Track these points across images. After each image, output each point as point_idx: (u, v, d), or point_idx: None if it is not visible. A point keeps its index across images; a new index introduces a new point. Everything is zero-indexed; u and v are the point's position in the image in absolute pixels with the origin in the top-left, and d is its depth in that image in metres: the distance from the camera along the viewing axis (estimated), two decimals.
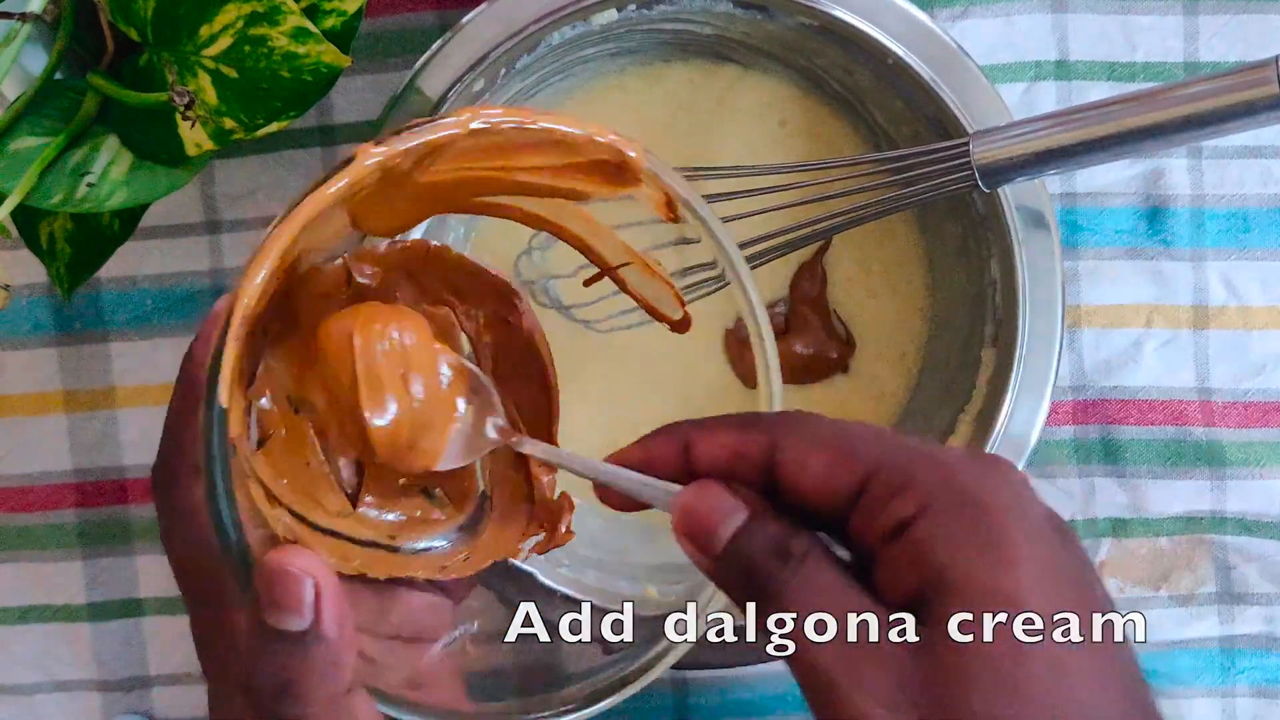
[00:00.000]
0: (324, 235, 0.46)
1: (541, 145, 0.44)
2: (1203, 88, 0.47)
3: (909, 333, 0.60)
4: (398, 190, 0.45)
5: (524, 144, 0.44)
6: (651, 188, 0.45)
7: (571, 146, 0.44)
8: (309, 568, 0.39)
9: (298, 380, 0.48)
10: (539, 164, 0.45)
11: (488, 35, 0.54)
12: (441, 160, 0.44)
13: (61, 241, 0.54)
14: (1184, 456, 0.61)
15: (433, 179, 0.45)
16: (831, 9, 0.54)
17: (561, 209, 0.48)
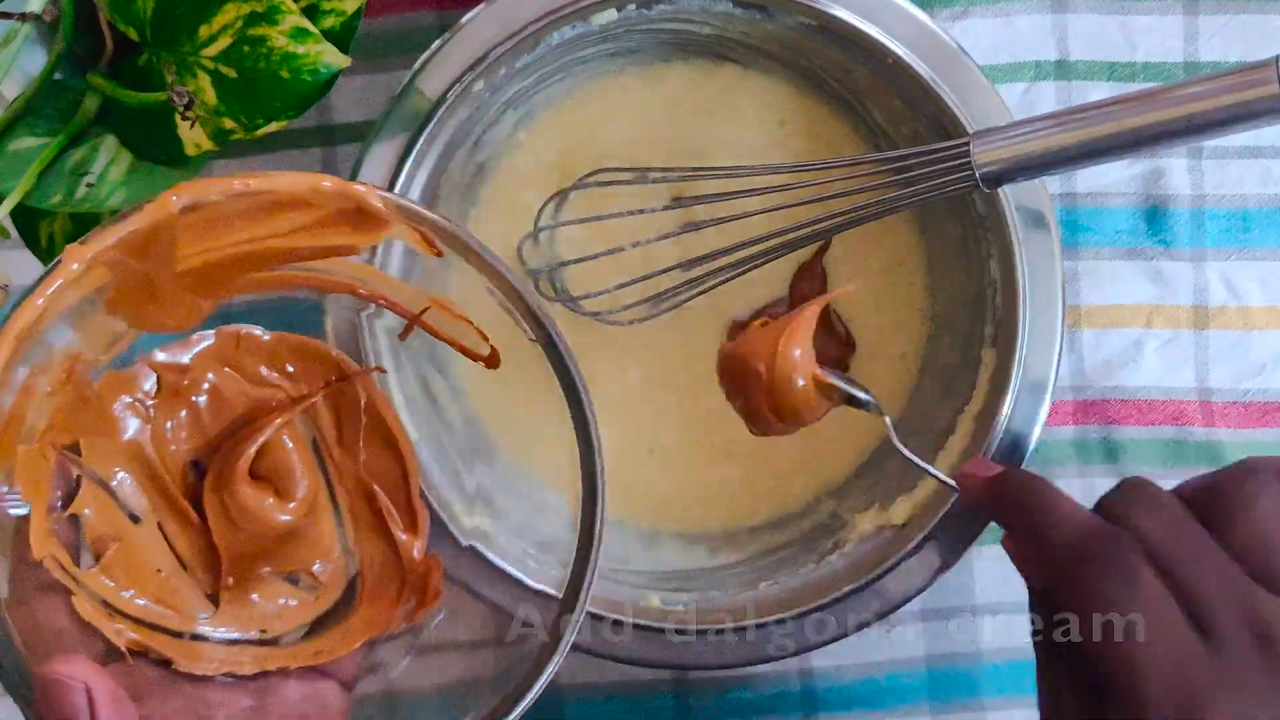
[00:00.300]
0: (97, 341, 0.46)
1: (275, 208, 0.44)
2: (1203, 88, 0.47)
3: (909, 333, 0.60)
4: (157, 284, 0.45)
5: (253, 211, 0.44)
6: (400, 226, 0.45)
7: (303, 203, 0.44)
8: (78, 674, 0.40)
9: (136, 483, 0.48)
10: (285, 228, 0.45)
11: (487, 35, 0.54)
12: (180, 245, 0.44)
13: (61, 242, 0.54)
14: (1184, 456, 0.61)
15: (189, 265, 0.45)
16: (831, 8, 0.54)
17: (351, 269, 0.48)
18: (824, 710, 0.62)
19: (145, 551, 0.48)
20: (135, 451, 0.49)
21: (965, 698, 0.62)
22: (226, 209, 0.44)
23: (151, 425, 0.49)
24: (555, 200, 0.59)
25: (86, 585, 0.45)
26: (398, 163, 0.54)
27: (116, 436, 0.48)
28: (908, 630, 0.62)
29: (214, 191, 0.43)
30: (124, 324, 0.47)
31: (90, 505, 0.47)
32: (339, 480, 0.51)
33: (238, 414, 0.50)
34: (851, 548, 0.57)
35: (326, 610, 0.50)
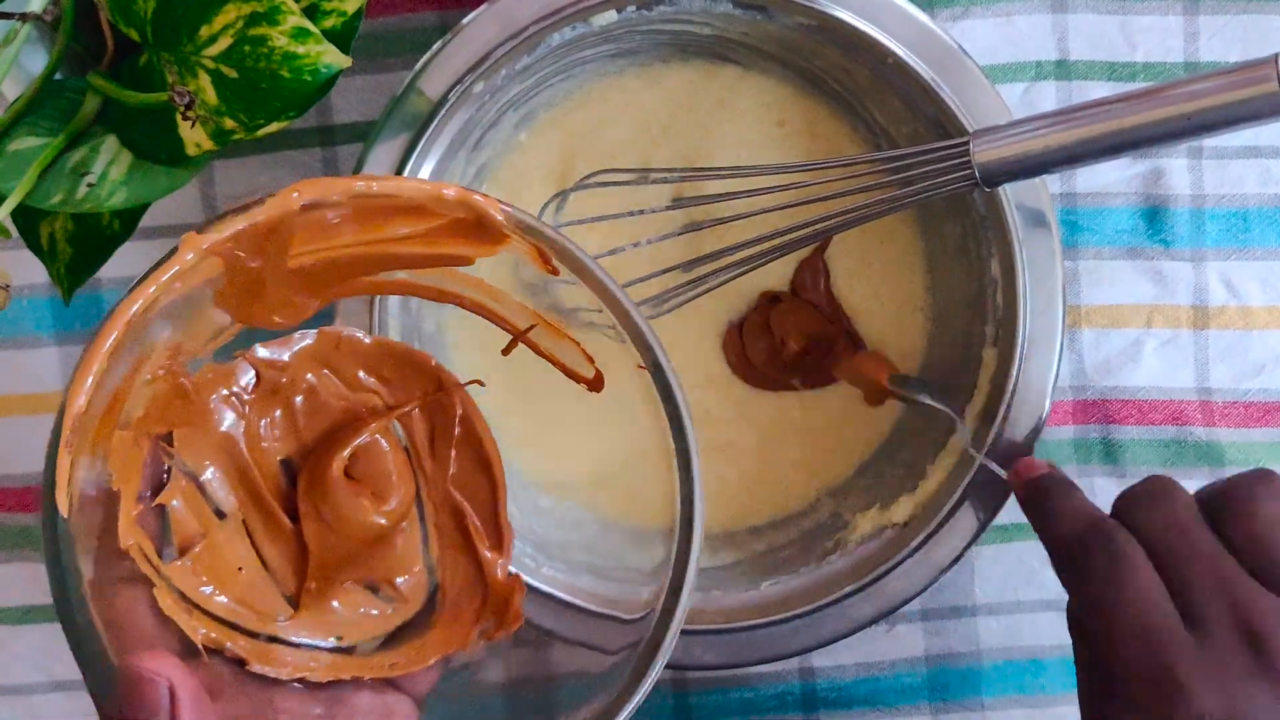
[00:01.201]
0: (200, 333, 0.46)
1: (393, 213, 0.44)
2: (1202, 86, 0.47)
3: (910, 332, 0.60)
4: (267, 280, 0.44)
5: (371, 214, 0.44)
6: (520, 241, 0.44)
7: (422, 209, 0.44)
8: (163, 671, 0.39)
9: (224, 479, 0.48)
10: (402, 233, 0.44)
11: (488, 36, 0.54)
12: (295, 243, 0.43)
13: (62, 242, 0.54)
14: (1184, 456, 0.61)
15: (301, 263, 0.44)
16: (831, 9, 0.54)
17: (459, 279, 0.47)
18: (824, 710, 0.62)
19: (229, 548, 0.47)
20: (227, 447, 0.48)
21: (965, 698, 0.62)
22: (343, 211, 0.43)
23: (246, 422, 0.48)
24: (556, 201, 0.59)
25: (169, 578, 0.45)
26: (399, 164, 0.54)
27: (210, 430, 0.48)
28: (908, 630, 0.62)
29: (337, 191, 0.42)
30: (228, 318, 0.46)
31: (179, 497, 0.46)
32: (428, 493, 0.50)
33: (333, 417, 0.50)
34: (852, 547, 0.57)
35: (404, 623, 0.49)
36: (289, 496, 0.49)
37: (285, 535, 0.49)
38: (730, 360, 0.60)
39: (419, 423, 0.50)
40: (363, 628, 0.49)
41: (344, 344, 0.50)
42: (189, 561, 0.46)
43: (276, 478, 0.49)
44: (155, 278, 0.41)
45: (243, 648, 0.46)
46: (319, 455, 0.49)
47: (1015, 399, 0.55)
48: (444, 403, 0.50)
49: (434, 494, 0.50)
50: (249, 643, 0.46)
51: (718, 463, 0.60)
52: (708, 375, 0.60)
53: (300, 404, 0.49)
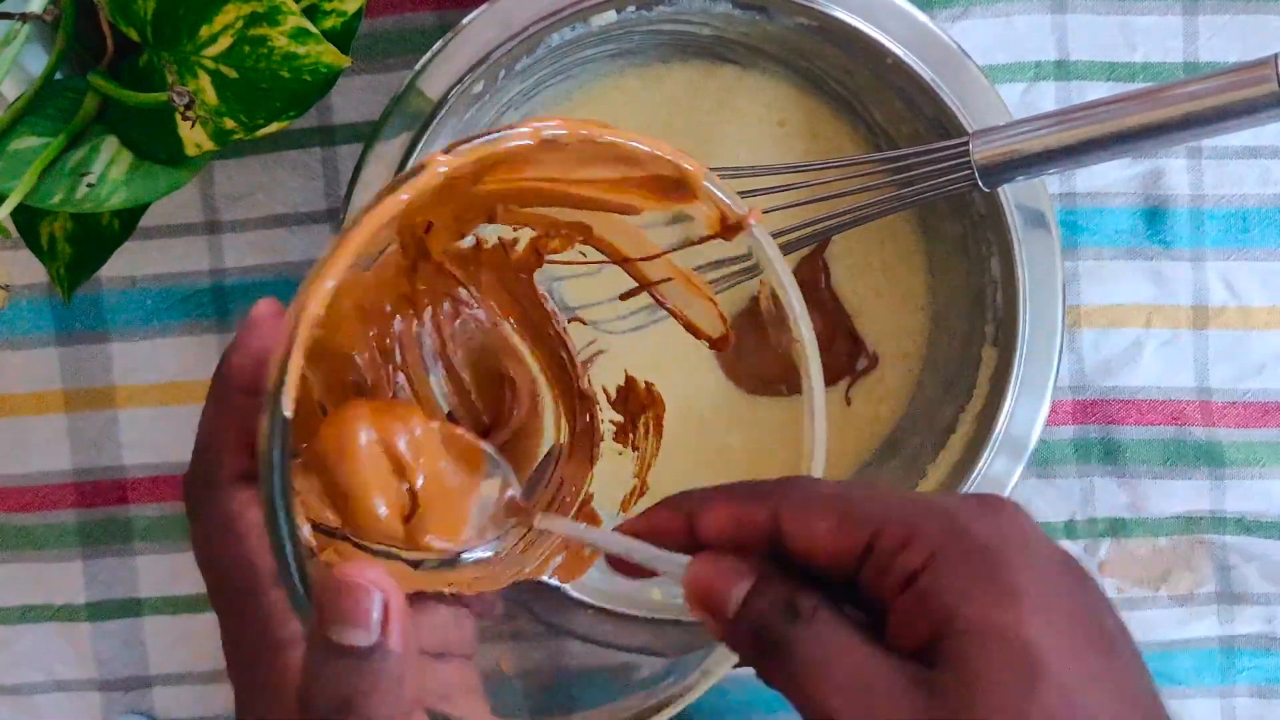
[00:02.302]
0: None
1: (602, 159, 0.44)
2: (1202, 86, 0.47)
3: (910, 332, 0.60)
4: (452, 199, 0.44)
5: (587, 157, 0.43)
6: (708, 205, 0.44)
7: (633, 161, 0.43)
8: (378, 581, 0.37)
9: (326, 382, 0.47)
10: (596, 177, 0.44)
11: (488, 36, 0.54)
12: (501, 170, 0.43)
13: (61, 241, 0.54)
14: (1184, 456, 0.61)
15: (488, 188, 0.44)
16: (831, 9, 0.54)
17: (607, 222, 0.47)
18: None
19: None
20: (347, 358, 0.47)
21: None
22: (567, 152, 0.43)
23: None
24: None
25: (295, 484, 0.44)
26: (399, 164, 0.54)
27: (339, 338, 0.47)
28: None
29: (574, 133, 0.42)
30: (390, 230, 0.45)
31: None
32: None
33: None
34: None
35: (490, 540, 0.48)
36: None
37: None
38: (724, 365, 0.60)
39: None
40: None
41: (485, 253, 0.49)
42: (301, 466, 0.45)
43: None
44: (410, 186, 0.40)
45: (352, 558, 0.44)
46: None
47: (1015, 399, 0.55)
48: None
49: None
50: (355, 552, 0.45)
51: (714, 469, 0.60)
52: (701, 382, 0.60)
53: (446, 310, 0.50)
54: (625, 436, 0.50)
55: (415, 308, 0.49)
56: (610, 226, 0.47)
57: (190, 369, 0.62)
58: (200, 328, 0.62)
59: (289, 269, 0.61)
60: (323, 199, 0.61)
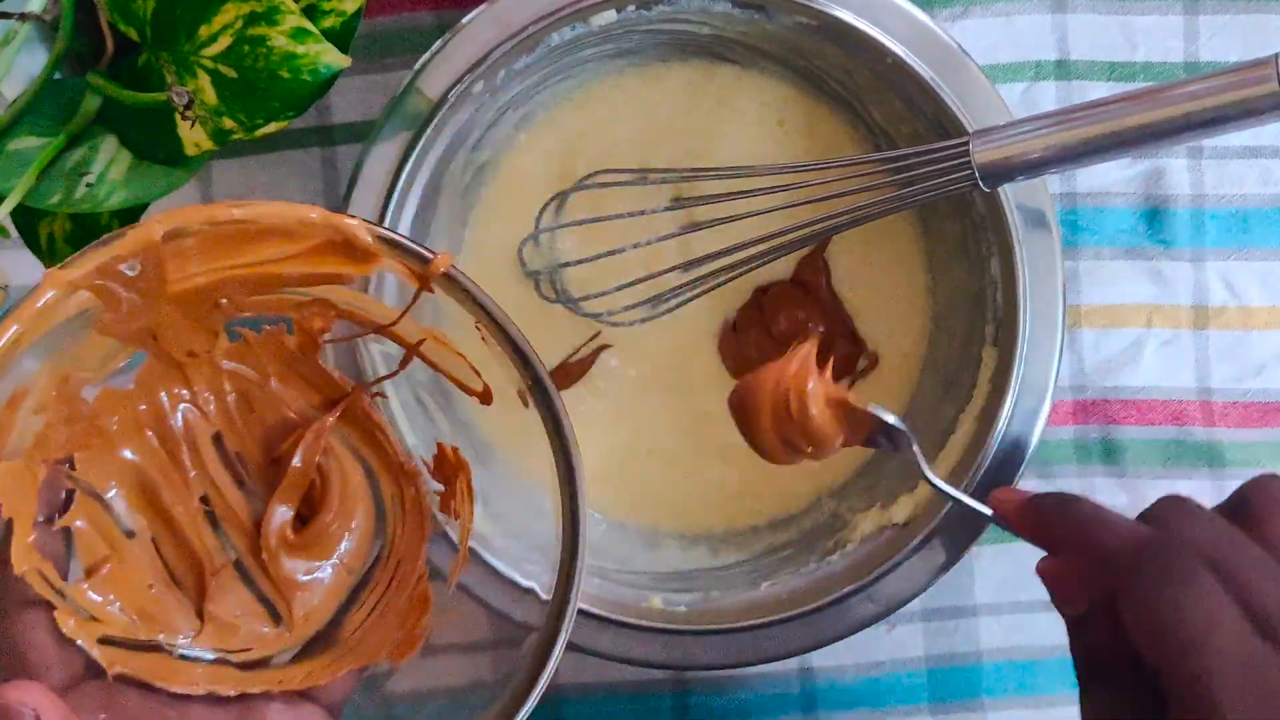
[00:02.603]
0: (90, 359, 0.46)
1: (263, 236, 0.44)
2: (1202, 86, 0.47)
3: (911, 332, 0.60)
4: (149, 305, 0.45)
5: (241, 238, 0.44)
6: (390, 260, 0.45)
7: (292, 233, 0.44)
8: (28, 701, 0.39)
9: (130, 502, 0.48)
10: (275, 255, 0.45)
11: (487, 36, 0.54)
12: (170, 269, 0.44)
13: (61, 242, 0.54)
14: (1184, 457, 0.61)
15: (184, 287, 0.45)
16: (830, 9, 0.54)
17: (343, 294, 0.48)
18: (824, 710, 0.62)
19: (137, 566, 0.48)
20: (133, 466, 0.49)
21: (965, 698, 0.62)
22: (212, 236, 0.44)
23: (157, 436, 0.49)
24: (555, 202, 0.59)
25: (72, 599, 0.45)
26: (398, 164, 0.54)
27: (114, 451, 0.48)
28: (908, 630, 0.62)
29: (197, 220, 0.43)
30: (110, 343, 0.46)
31: (83, 518, 0.47)
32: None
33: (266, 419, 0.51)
34: (852, 548, 0.57)
35: (316, 635, 0.50)
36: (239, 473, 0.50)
37: (194, 551, 0.49)
38: (727, 363, 0.60)
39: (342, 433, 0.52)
40: (272, 642, 0.49)
41: (257, 344, 0.50)
42: (94, 581, 0.46)
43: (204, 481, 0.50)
44: (16, 316, 0.41)
45: (149, 665, 0.46)
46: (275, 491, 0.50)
47: (1015, 399, 0.55)
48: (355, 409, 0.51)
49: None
50: (157, 659, 0.47)
51: (717, 464, 0.60)
52: (706, 377, 0.60)
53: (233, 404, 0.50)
54: (448, 504, 0.50)
55: (197, 408, 0.49)
56: (349, 298, 0.48)
57: None
58: None
59: None
60: (322, 199, 0.61)
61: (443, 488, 0.51)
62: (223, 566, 0.49)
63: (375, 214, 0.54)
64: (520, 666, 0.44)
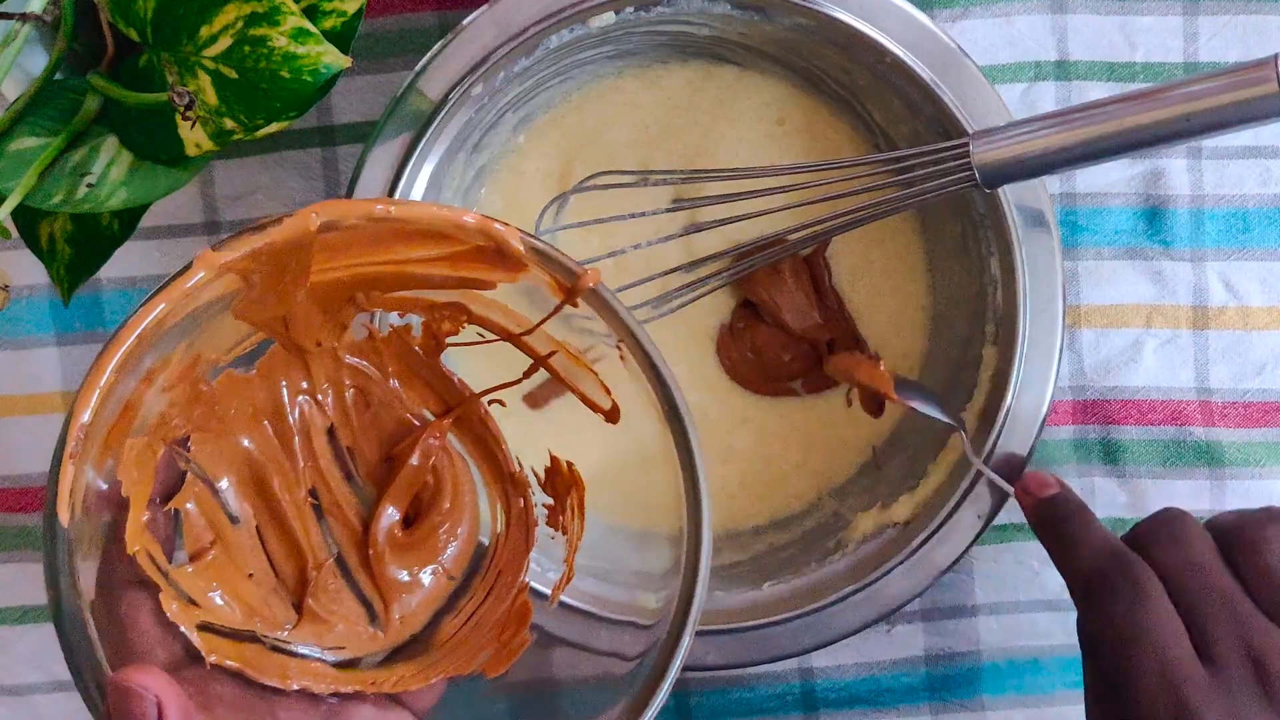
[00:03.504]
0: (221, 342, 0.46)
1: (415, 236, 0.44)
2: (1202, 87, 0.47)
3: (911, 331, 0.60)
4: (290, 294, 0.45)
5: (392, 236, 0.44)
6: (539, 270, 0.44)
7: (444, 235, 0.44)
8: (151, 685, 0.39)
9: (238, 488, 0.48)
10: (424, 255, 0.44)
11: (487, 38, 0.54)
12: (318, 260, 0.43)
13: (61, 242, 0.54)
14: (1184, 457, 0.61)
15: (325, 278, 0.44)
16: (829, 9, 0.54)
17: (483, 302, 0.47)
18: (824, 710, 0.62)
19: (240, 554, 0.48)
20: (246, 453, 0.48)
21: (965, 698, 0.62)
22: (365, 232, 0.43)
23: (273, 427, 0.49)
24: (556, 203, 0.59)
25: (176, 583, 0.45)
26: (399, 165, 0.54)
27: (229, 436, 0.48)
28: (908, 630, 0.62)
29: (355, 214, 0.42)
30: (242, 327, 0.46)
31: (192, 501, 0.46)
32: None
33: (383, 420, 0.51)
34: (854, 547, 0.57)
35: (409, 639, 0.50)
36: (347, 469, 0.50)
37: (297, 543, 0.49)
38: (725, 364, 0.60)
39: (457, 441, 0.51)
40: (366, 642, 0.49)
41: (382, 342, 0.50)
42: (199, 566, 0.46)
43: (313, 476, 0.50)
44: (167, 294, 0.41)
45: (247, 655, 0.46)
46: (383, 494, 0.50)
47: (1015, 398, 0.55)
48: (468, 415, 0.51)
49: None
50: (254, 650, 0.46)
51: (718, 464, 0.60)
52: (707, 378, 0.60)
53: (351, 400, 0.50)
54: (555, 519, 0.50)
55: (315, 401, 0.49)
56: (485, 304, 0.47)
57: None
58: None
59: None
60: (322, 199, 0.61)
61: (551, 501, 0.50)
62: (324, 562, 0.49)
63: None
64: (636, 675, 0.44)
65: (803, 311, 0.60)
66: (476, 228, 0.43)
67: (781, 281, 0.60)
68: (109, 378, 0.41)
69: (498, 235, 0.43)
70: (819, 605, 0.55)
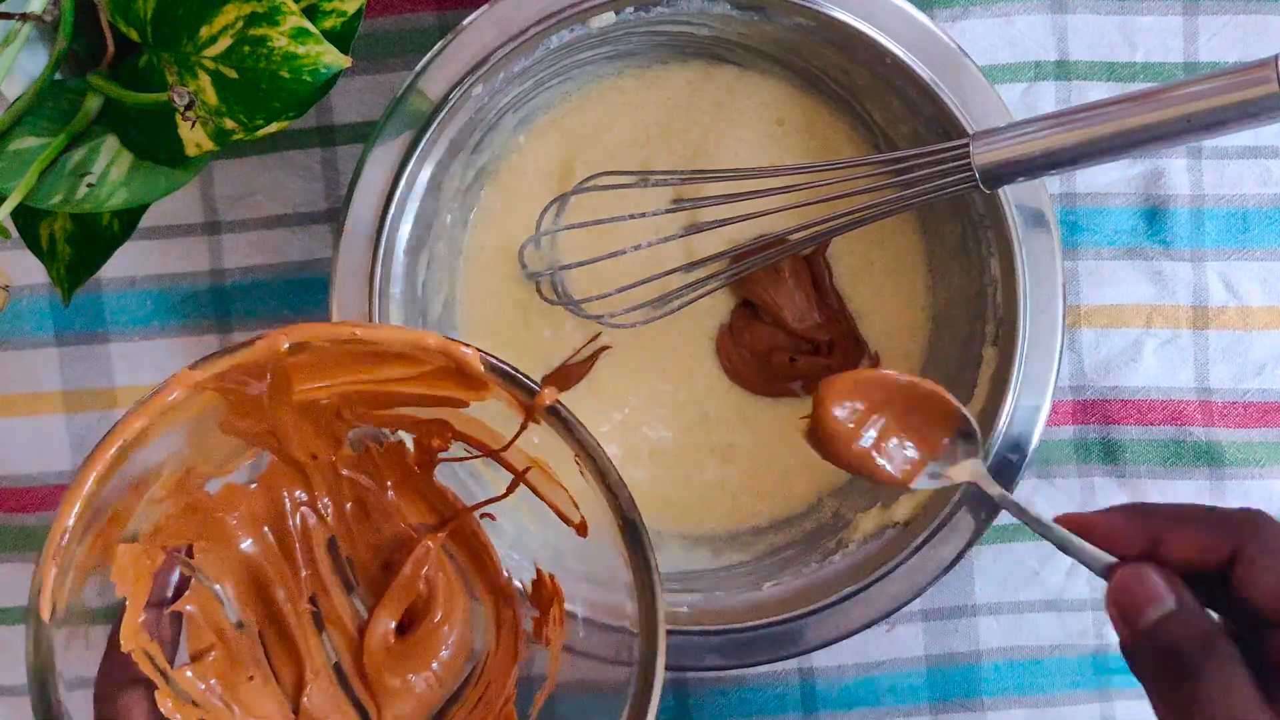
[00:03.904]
0: (214, 455, 0.48)
1: (387, 357, 0.45)
2: (1202, 87, 0.47)
3: (911, 332, 0.60)
4: (274, 410, 0.46)
5: (362, 357, 0.45)
6: (499, 389, 0.46)
7: (409, 356, 0.45)
8: None
9: (240, 595, 0.49)
10: (396, 374, 0.46)
11: (487, 38, 0.54)
12: (300, 377, 0.45)
13: (61, 242, 0.54)
14: (1183, 457, 0.61)
15: (307, 397, 0.46)
16: (829, 10, 0.54)
17: (461, 417, 0.49)
18: (824, 710, 0.62)
19: (241, 657, 0.49)
20: (250, 563, 0.50)
21: (965, 698, 0.62)
22: (338, 353, 0.45)
23: (274, 537, 0.51)
24: (556, 204, 0.59)
25: (175, 682, 0.47)
26: (399, 165, 0.54)
27: (231, 544, 0.50)
28: (908, 630, 0.62)
29: (323, 336, 0.44)
30: (234, 441, 0.48)
31: (195, 605, 0.48)
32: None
33: (380, 530, 0.52)
34: (854, 547, 0.57)
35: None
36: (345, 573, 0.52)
37: (297, 649, 0.50)
38: (725, 365, 0.60)
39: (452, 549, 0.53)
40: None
41: (379, 456, 0.51)
42: (199, 667, 0.48)
43: (315, 578, 0.51)
44: (145, 409, 0.43)
45: None
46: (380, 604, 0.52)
47: (1015, 398, 0.55)
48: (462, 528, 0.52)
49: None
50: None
51: (718, 464, 0.60)
52: (707, 379, 0.60)
53: (350, 511, 0.52)
54: (540, 630, 0.51)
55: (315, 512, 0.51)
56: (465, 421, 0.49)
57: None
58: (200, 328, 0.62)
59: (289, 269, 0.61)
60: (323, 199, 0.61)
61: (537, 613, 0.51)
62: (322, 667, 0.50)
63: (376, 215, 0.54)
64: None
65: (803, 311, 0.60)
66: (437, 348, 0.45)
67: (782, 281, 0.60)
68: (91, 487, 0.43)
69: (458, 356, 0.45)
70: (819, 605, 0.55)
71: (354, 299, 0.55)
